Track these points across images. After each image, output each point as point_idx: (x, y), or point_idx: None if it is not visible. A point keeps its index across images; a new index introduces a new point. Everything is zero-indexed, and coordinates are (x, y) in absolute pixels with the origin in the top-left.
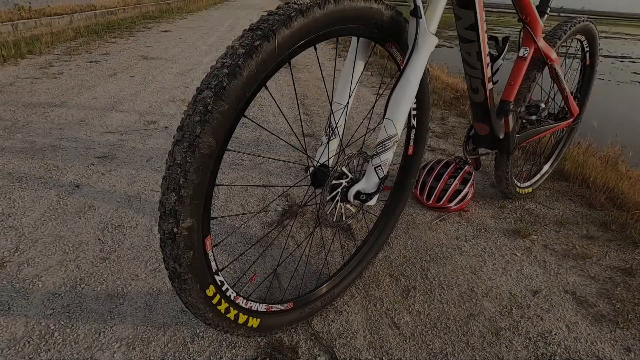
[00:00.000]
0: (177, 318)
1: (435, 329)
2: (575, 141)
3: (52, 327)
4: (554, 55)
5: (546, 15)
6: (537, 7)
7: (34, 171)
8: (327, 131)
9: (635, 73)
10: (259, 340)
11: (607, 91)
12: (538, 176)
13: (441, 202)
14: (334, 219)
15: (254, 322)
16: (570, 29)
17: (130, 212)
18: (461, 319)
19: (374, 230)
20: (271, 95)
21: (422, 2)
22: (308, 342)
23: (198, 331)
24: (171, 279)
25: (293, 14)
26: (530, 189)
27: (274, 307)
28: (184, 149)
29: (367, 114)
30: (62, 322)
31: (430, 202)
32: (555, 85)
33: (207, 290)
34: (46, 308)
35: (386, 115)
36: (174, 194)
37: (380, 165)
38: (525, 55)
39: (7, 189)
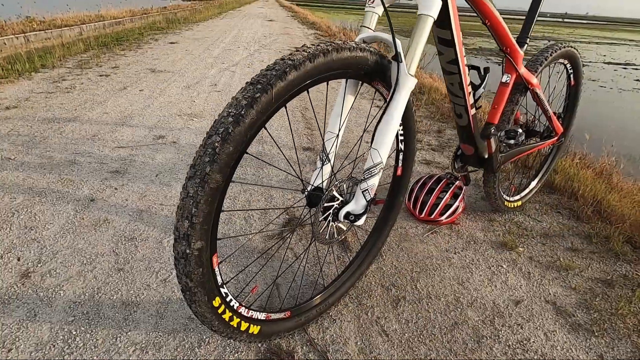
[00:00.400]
0: (185, 325)
1: (421, 337)
2: (571, 152)
3: (74, 333)
4: (534, 81)
5: (526, 45)
6: (516, 39)
7: (52, 186)
8: (321, 157)
9: (637, 80)
10: (259, 345)
11: (607, 99)
12: (527, 190)
13: (433, 216)
14: (327, 237)
15: (254, 329)
16: (551, 55)
17: (142, 226)
18: (446, 327)
19: (366, 244)
20: (270, 135)
21: (403, 48)
22: (304, 347)
23: (204, 337)
24: (183, 292)
25: (287, 69)
26: (519, 203)
27: (273, 316)
28: (196, 184)
29: (356, 142)
30: (83, 328)
31: (423, 215)
32: (538, 107)
33: (213, 301)
34: (68, 315)
35: (372, 145)
36: (187, 221)
37: (367, 189)
38: (507, 81)
39: (28, 203)
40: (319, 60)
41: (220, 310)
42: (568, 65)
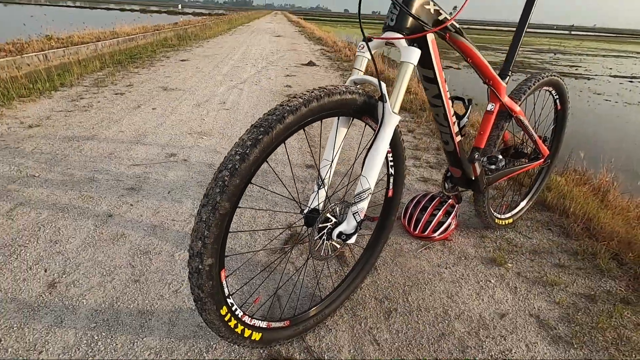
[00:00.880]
0: (194, 332)
1: (410, 346)
2: (570, 169)
3: (96, 338)
4: (517, 109)
5: (508, 77)
6: (499, 72)
7: (74, 202)
8: (318, 182)
9: None
10: (261, 351)
11: (612, 113)
12: (518, 209)
13: (426, 232)
14: (322, 253)
15: (256, 336)
16: (534, 84)
17: (155, 240)
18: (434, 337)
19: (360, 259)
20: (271, 167)
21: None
22: (302, 354)
23: (212, 343)
24: (195, 302)
25: (286, 114)
26: (510, 220)
27: (273, 324)
28: (208, 211)
29: (349, 170)
30: (104, 334)
31: (417, 232)
32: (523, 132)
33: (221, 310)
34: (90, 322)
35: (362, 173)
36: (200, 242)
37: (357, 212)
38: (492, 109)
39: (53, 218)
40: (313, 105)
41: (226, 318)
42: (553, 92)
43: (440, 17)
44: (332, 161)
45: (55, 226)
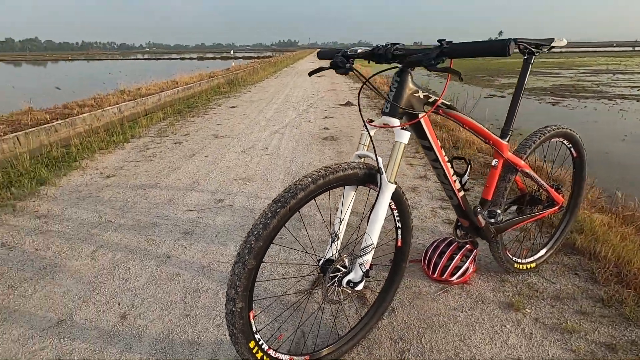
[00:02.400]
0: None
1: None
2: (606, 208)
3: None
4: (522, 162)
5: (509, 135)
6: (501, 130)
7: (140, 245)
8: (332, 236)
9: None
10: None
11: None
12: (540, 254)
13: (444, 276)
14: (335, 297)
15: None
16: (539, 138)
17: (204, 279)
18: None
19: (374, 304)
20: (290, 231)
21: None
22: None
23: None
24: (230, 336)
25: (298, 191)
26: (533, 265)
27: (295, 358)
28: (239, 267)
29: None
30: (162, 358)
31: (435, 275)
32: (533, 183)
33: (250, 344)
34: (152, 349)
35: (366, 231)
36: (233, 290)
37: (362, 263)
38: (496, 165)
39: (125, 259)
40: (320, 182)
41: (254, 351)
42: (565, 142)
43: (431, 99)
44: (342, 219)
45: (126, 266)
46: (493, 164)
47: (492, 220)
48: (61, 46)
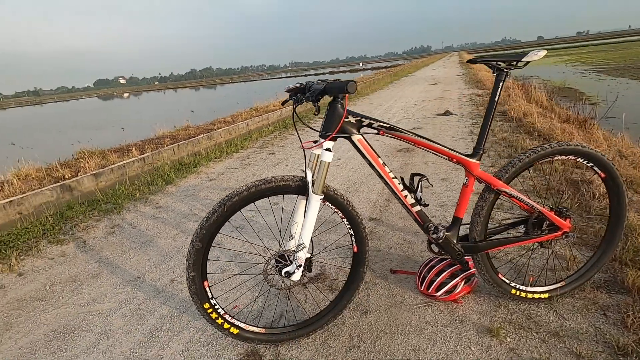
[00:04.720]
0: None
1: None
2: None
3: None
4: (498, 182)
5: (480, 154)
6: (473, 148)
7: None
8: (281, 235)
9: None
10: (240, 345)
11: None
12: (559, 285)
13: (429, 290)
14: (277, 284)
15: (234, 330)
16: (529, 157)
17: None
18: None
19: (333, 301)
20: (245, 232)
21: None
22: (271, 356)
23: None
24: (190, 296)
25: (233, 196)
26: (545, 295)
27: (249, 327)
28: (191, 247)
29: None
30: (182, 316)
31: (422, 288)
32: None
33: (204, 305)
34: (179, 305)
35: (300, 234)
36: (188, 262)
37: (296, 259)
38: (466, 183)
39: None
40: (252, 190)
41: (209, 311)
42: (580, 160)
43: (364, 122)
44: (295, 222)
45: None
46: (464, 182)
47: (434, 237)
48: (226, 72)
